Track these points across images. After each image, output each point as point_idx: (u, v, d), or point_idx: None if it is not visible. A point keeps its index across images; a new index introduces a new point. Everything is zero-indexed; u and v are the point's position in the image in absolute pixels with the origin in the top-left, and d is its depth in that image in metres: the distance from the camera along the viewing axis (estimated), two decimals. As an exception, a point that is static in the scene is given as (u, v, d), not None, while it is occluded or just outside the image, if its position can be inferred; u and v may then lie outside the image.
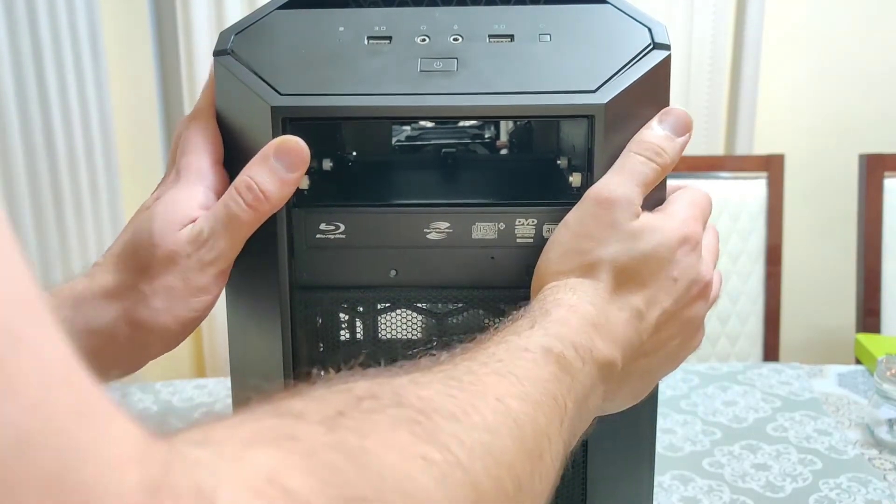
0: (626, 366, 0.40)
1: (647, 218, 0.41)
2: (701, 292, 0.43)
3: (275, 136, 0.41)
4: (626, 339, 0.39)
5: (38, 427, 0.16)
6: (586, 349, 0.37)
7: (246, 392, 0.47)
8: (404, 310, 0.48)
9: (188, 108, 1.80)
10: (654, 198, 0.43)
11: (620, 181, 0.41)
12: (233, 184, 0.41)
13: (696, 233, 0.42)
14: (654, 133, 0.42)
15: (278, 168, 0.41)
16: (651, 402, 0.46)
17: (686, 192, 0.45)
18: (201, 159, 0.43)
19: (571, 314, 0.38)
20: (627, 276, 0.40)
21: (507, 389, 0.32)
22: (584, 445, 0.46)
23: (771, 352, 1.37)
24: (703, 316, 0.44)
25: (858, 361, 1.07)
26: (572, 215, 0.41)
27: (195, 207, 0.42)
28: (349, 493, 0.23)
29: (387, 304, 0.48)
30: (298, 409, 0.26)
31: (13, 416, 0.16)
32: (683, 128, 0.43)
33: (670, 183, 0.45)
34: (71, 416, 0.17)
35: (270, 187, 0.41)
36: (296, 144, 0.41)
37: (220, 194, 0.42)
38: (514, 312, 0.39)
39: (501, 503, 0.29)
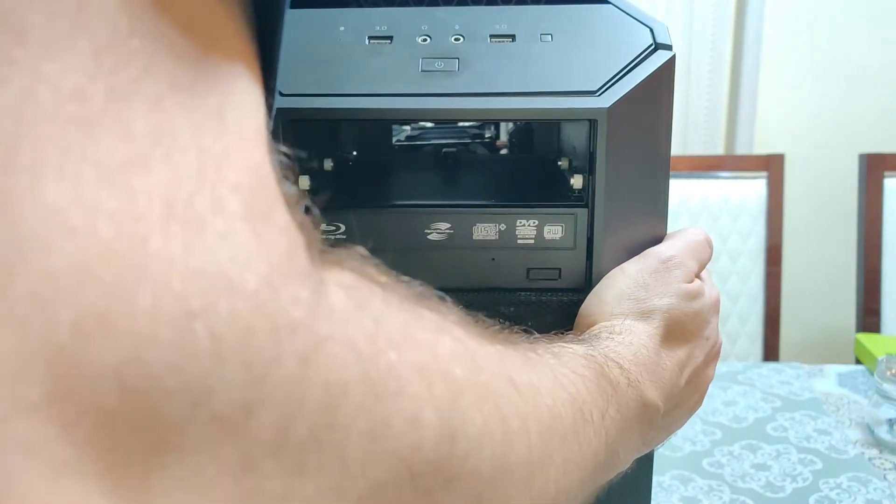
0: (664, 415, 0.40)
1: (698, 283, 0.44)
2: (717, 353, 0.45)
3: (276, 138, 0.41)
4: (669, 388, 0.41)
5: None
6: (634, 380, 0.38)
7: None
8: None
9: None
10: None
11: (685, 251, 0.44)
12: None
13: (719, 296, 0.46)
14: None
15: None
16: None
17: (702, 251, 0.46)
18: None
19: (626, 349, 0.39)
20: (676, 330, 0.42)
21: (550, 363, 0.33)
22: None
23: (771, 352, 1.37)
24: (712, 377, 0.46)
25: (858, 361, 1.07)
26: (632, 266, 0.43)
27: None
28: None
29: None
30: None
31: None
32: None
33: (675, 197, 0.45)
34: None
35: None
36: None
37: None
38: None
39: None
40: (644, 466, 0.47)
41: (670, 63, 0.42)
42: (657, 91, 0.42)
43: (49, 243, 0.16)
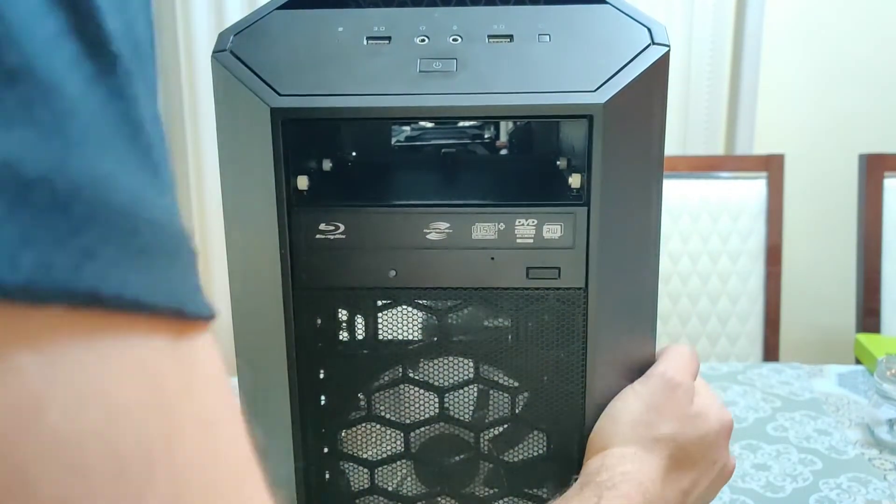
0: None
1: (699, 402, 0.46)
2: (728, 476, 0.47)
3: (274, 137, 0.41)
4: None
5: None
6: None
7: (251, 391, 0.47)
8: (404, 308, 0.48)
9: (188, 109, 1.80)
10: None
11: (682, 369, 0.46)
12: None
13: (731, 420, 0.47)
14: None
15: None
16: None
17: (694, 365, 0.48)
18: None
19: (636, 490, 0.41)
20: (682, 457, 0.44)
21: None
22: (581, 443, 0.46)
23: (771, 352, 1.37)
24: (716, 495, 0.48)
25: (858, 361, 1.07)
26: (643, 388, 0.45)
27: None
28: None
29: (387, 301, 0.48)
30: None
31: None
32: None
33: (668, 190, 0.45)
34: None
35: None
36: None
37: None
38: (581, 475, 0.43)
39: None
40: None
41: (664, 58, 0.42)
42: (652, 86, 0.42)
43: None
